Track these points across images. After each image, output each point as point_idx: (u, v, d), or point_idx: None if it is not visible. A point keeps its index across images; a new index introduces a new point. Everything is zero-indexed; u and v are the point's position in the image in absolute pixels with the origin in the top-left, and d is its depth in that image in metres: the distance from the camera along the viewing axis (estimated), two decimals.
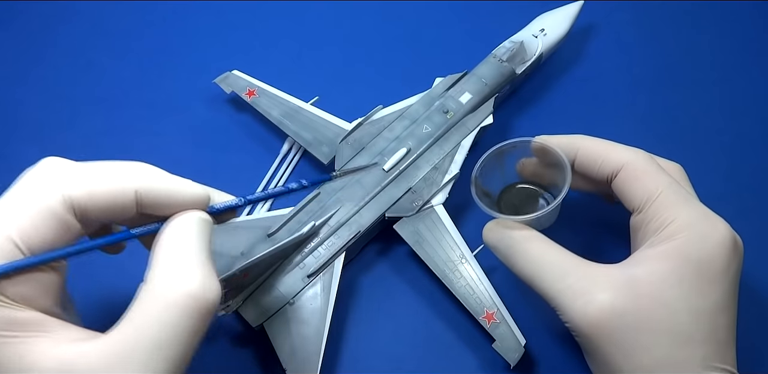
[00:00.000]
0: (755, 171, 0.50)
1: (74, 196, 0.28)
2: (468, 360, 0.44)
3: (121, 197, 0.30)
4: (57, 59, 0.56)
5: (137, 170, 0.31)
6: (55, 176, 0.29)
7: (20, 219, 0.27)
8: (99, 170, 0.30)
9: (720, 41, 0.56)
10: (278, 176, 0.50)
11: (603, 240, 0.47)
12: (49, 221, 0.28)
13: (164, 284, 0.28)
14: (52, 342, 0.27)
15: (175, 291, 0.28)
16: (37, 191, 0.28)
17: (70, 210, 0.28)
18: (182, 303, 0.28)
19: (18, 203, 0.28)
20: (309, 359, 0.41)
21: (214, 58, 0.55)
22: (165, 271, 0.29)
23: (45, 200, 0.28)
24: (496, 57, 0.48)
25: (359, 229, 0.44)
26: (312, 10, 0.58)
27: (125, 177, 0.30)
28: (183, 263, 0.29)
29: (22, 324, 0.27)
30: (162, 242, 0.30)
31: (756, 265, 0.44)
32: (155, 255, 0.30)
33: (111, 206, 0.30)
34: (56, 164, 0.31)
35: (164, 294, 0.28)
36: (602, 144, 0.40)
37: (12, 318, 0.26)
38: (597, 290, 0.35)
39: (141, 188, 0.30)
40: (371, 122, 0.48)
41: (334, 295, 0.42)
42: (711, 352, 0.34)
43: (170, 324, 0.28)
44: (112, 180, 0.30)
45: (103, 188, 0.29)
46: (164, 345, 0.27)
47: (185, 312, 0.28)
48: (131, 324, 0.28)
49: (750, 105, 0.53)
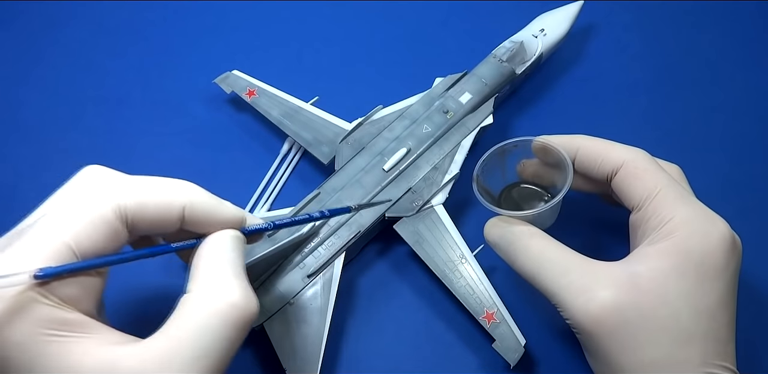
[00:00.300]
0: (755, 171, 0.50)
1: (127, 206, 0.30)
2: (468, 360, 0.44)
3: (169, 212, 0.31)
4: (58, 59, 0.56)
5: (185, 187, 0.32)
6: (109, 186, 0.30)
7: (75, 225, 0.29)
8: (150, 184, 0.31)
9: (720, 41, 0.56)
10: (278, 176, 0.50)
11: (603, 239, 0.47)
12: (101, 229, 0.29)
13: (207, 293, 0.30)
14: (96, 343, 0.28)
15: (219, 301, 0.29)
16: (92, 199, 0.30)
17: (121, 220, 0.30)
18: (225, 312, 0.29)
19: (74, 209, 0.29)
20: (309, 359, 0.41)
21: (214, 58, 0.55)
22: (208, 282, 0.30)
23: (99, 209, 0.29)
24: (496, 57, 0.48)
25: (359, 229, 0.44)
26: (312, 10, 0.58)
27: (174, 193, 0.32)
28: (224, 276, 0.31)
29: (68, 324, 0.28)
30: (203, 255, 0.32)
31: (755, 265, 0.44)
32: (197, 267, 0.31)
33: (159, 219, 0.31)
34: (106, 173, 0.33)
35: (207, 303, 0.29)
36: (602, 143, 0.40)
37: (60, 317, 0.27)
38: (599, 287, 0.35)
39: (187, 204, 0.31)
40: (371, 122, 0.48)
41: (334, 295, 0.42)
42: (711, 349, 0.34)
43: (212, 332, 0.29)
44: (162, 194, 0.31)
45: (153, 202, 0.31)
46: (205, 352, 0.28)
47: (227, 321, 0.29)
48: (174, 329, 0.29)
49: (750, 105, 0.53)
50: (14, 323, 0.27)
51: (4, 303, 0.26)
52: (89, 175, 0.33)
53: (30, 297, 0.27)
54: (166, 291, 0.45)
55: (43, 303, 0.27)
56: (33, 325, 0.27)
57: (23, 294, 0.27)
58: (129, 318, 0.43)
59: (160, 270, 0.45)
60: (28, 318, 0.27)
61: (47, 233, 0.28)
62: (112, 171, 0.33)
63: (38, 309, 0.27)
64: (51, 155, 0.52)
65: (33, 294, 0.27)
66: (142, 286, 0.45)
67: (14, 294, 0.27)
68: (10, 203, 0.50)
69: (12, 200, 0.50)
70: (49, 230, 0.29)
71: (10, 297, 0.27)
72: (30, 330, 0.27)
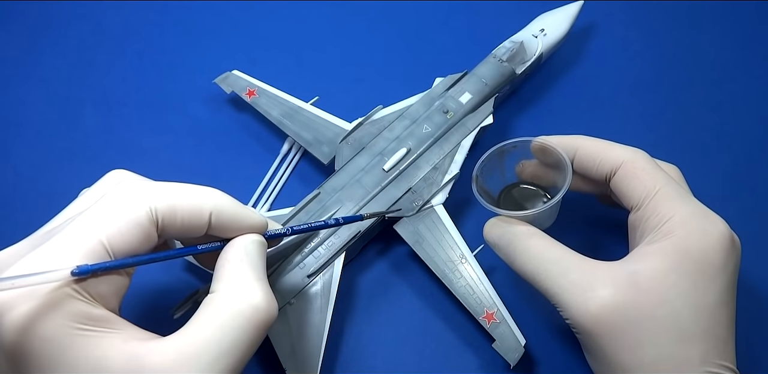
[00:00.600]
0: (754, 171, 0.50)
1: (159, 211, 0.31)
2: (468, 360, 0.44)
3: (198, 217, 0.32)
4: (58, 59, 0.56)
5: (212, 193, 0.33)
6: (143, 190, 0.31)
7: (110, 227, 0.30)
8: (180, 191, 0.32)
9: (720, 41, 0.56)
10: (278, 176, 0.50)
11: (602, 239, 0.47)
12: (134, 231, 0.30)
13: (232, 295, 0.31)
14: (122, 339, 0.29)
15: (242, 302, 0.31)
16: (127, 202, 0.31)
17: (153, 223, 0.31)
18: (247, 313, 0.30)
19: (109, 211, 0.30)
20: (309, 359, 0.41)
21: (214, 58, 0.55)
22: (232, 284, 0.31)
23: (134, 212, 0.30)
24: (496, 57, 0.49)
25: (359, 229, 0.44)
26: (312, 10, 0.58)
27: (203, 199, 0.32)
28: (248, 279, 0.32)
29: (97, 320, 0.28)
30: (228, 259, 0.33)
31: (755, 264, 0.44)
32: (222, 270, 0.32)
33: (188, 224, 0.32)
34: (132, 177, 0.34)
35: (232, 303, 0.30)
36: (601, 144, 0.40)
37: (90, 313, 0.28)
38: (598, 286, 0.35)
39: (214, 210, 0.32)
40: (371, 122, 0.48)
41: (334, 295, 0.42)
42: (711, 349, 0.34)
43: (235, 332, 0.30)
44: (192, 200, 0.32)
45: (184, 207, 0.32)
46: (227, 351, 0.29)
47: (249, 322, 0.30)
48: (198, 328, 0.30)
49: (749, 105, 0.53)
50: (48, 317, 0.27)
51: (41, 298, 0.27)
52: (115, 179, 0.34)
53: (64, 293, 0.28)
54: (162, 289, 0.46)
55: (76, 298, 0.28)
56: (65, 319, 0.28)
57: (59, 289, 0.28)
58: (126, 315, 0.43)
59: (159, 270, 0.45)
60: (61, 313, 0.28)
61: (83, 232, 0.29)
62: (137, 176, 0.34)
63: (71, 304, 0.28)
64: (51, 154, 0.52)
65: (67, 289, 0.28)
66: (139, 284, 0.45)
67: (51, 289, 0.28)
68: (10, 203, 0.50)
69: (12, 200, 0.50)
70: (85, 229, 0.29)
71: (47, 292, 0.28)
72: (62, 324, 0.28)
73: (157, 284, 0.46)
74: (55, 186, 0.50)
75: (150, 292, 0.45)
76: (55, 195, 0.49)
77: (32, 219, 0.48)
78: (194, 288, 0.41)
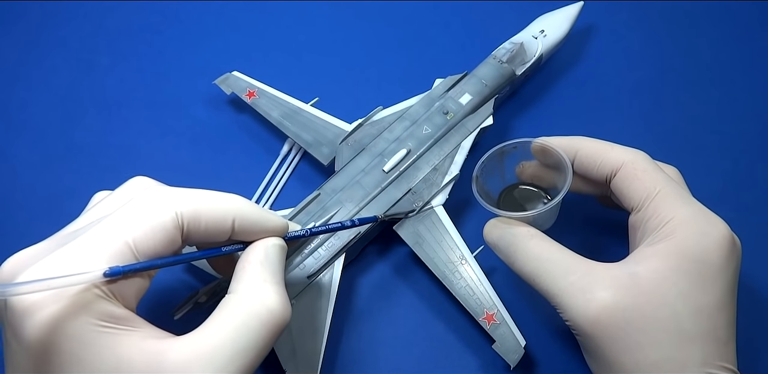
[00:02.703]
0: (754, 172, 0.50)
1: (185, 216, 0.31)
2: (468, 361, 0.44)
3: (223, 222, 0.33)
4: (58, 60, 0.56)
5: (234, 200, 0.34)
6: (169, 196, 0.32)
7: (137, 230, 0.30)
8: (204, 197, 0.33)
9: (720, 42, 0.56)
10: (278, 177, 0.50)
11: (602, 241, 0.47)
12: (159, 235, 0.31)
13: (250, 297, 0.32)
14: (142, 337, 0.29)
15: (259, 305, 0.31)
16: (154, 207, 0.31)
17: (178, 228, 0.31)
18: (264, 316, 0.31)
19: (136, 215, 0.31)
20: (309, 359, 0.41)
21: (215, 60, 0.55)
22: (251, 287, 0.32)
23: (160, 217, 0.31)
24: (496, 58, 0.49)
25: (359, 230, 0.44)
26: (312, 12, 0.58)
27: (226, 205, 0.33)
28: (266, 282, 0.32)
29: (119, 319, 0.29)
30: (250, 261, 0.33)
31: (755, 265, 0.44)
32: (242, 272, 0.33)
33: (212, 229, 0.33)
34: (154, 184, 0.34)
35: (249, 306, 0.31)
36: (601, 145, 0.40)
37: (113, 312, 0.29)
38: (598, 288, 0.35)
39: (237, 215, 0.33)
40: (371, 123, 0.48)
41: (335, 296, 0.42)
42: (711, 350, 0.34)
43: (251, 332, 0.30)
44: (216, 206, 0.33)
45: (209, 213, 0.32)
46: (243, 351, 0.30)
47: (264, 324, 0.31)
48: (215, 327, 0.30)
49: (750, 106, 0.53)
50: (75, 317, 0.28)
51: (69, 298, 0.28)
52: (139, 185, 0.34)
53: (92, 293, 0.29)
54: (163, 289, 0.46)
55: (101, 297, 0.29)
56: (90, 317, 0.28)
57: (88, 290, 0.29)
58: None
59: (160, 271, 0.45)
60: (87, 312, 0.28)
61: (111, 234, 0.30)
62: (159, 183, 0.35)
63: (96, 303, 0.29)
64: (51, 155, 0.52)
65: (95, 290, 0.29)
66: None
67: (79, 290, 0.28)
68: (10, 204, 0.50)
69: (12, 200, 0.50)
70: (113, 232, 0.30)
71: (75, 293, 0.28)
72: (87, 322, 0.28)
73: (158, 285, 0.45)
74: (55, 187, 0.50)
75: (150, 293, 0.45)
76: (55, 196, 0.50)
77: (32, 220, 0.48)
78: (194, 289, 0.41)
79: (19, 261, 0.29)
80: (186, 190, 0.33)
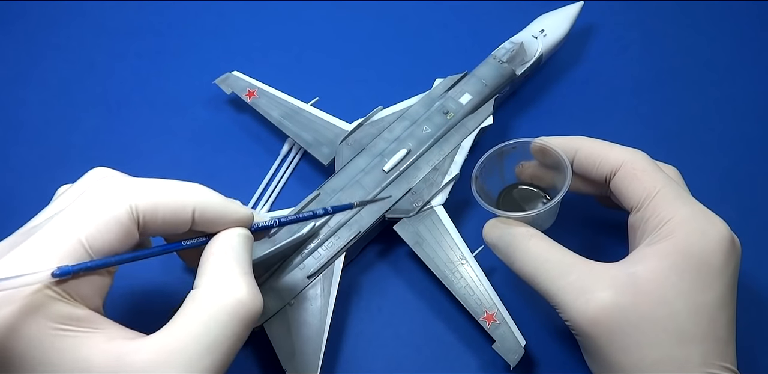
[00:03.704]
0: (754, 172, 0.50)
1: (140, 208, 0.30)
2: (468, 361, 0.44)
3: (182, 213, 0.31)
4: (58, 60, 0.56)
5: (194, 189, 0.33)
6: (122, 188, 0.31)
7: (89, 226, 0.29)
8: (161, 187, 0.32)
9: (720, 42, 0.56)
10: (278, 176, 0.50)
11: (601, 240, 0.47)
12: (114, 229, 0.30)
13: (215, 290, 0.30)
14: (105, 338, 0.28)
15: (226, 297, 0.30)
16: (106, 200, 0.30)
17: (134, 221, 0.30)
18: (231, 308, 0.30)
19: (88, 210, 0.30)
20: (309, 359, 0.41)
21: (215, 59, 0.55)
22: (216, 279, 0.31)
23: (113, 210, 0.30)
24: (496, 58, 0.49)
25: (359, 230, 0.44)
26: (312, 11, 0.58)
27: (185, 195, 0.32)
28: (232, 273, 0.31)
29: (79, 320, 0.28)
30: (213, 253, 0.32)
31: (755, 265, 0.44)
32: (205, 265, 0.32)
33: (171, 221, 0.31)
34: (113, 175, 0.33)
35: (215, 299, 0.30)
36: (601, 145, 0.40)
37: (71, 314, 0.28)
38: (598, 288, 0.35)
39: (197, 206, 0.32)
40: (371, 123, 0.48)
41: (334, 296, 0.42)
42: (711, 350, 0.34)
43: (219, 327, 0.29)
44: (174, 197, 0.31)
45: (165, 204, 0.31)
46: (212, 347, 0.29)
47: (234, 317, 0.30)
48: (182, 324, 0.29)
49: (749, 106, 0.53)
50: (30, 319, 0.27)
51: (21, 300, 0.27)
52: (96, 176, 0.33)
53: (44, 294, 0.28)
54: (162, 289, 0.46)
55: (56, 299, 0.28)
56: (46, 320, 0.27)
57: (40, 291, 0.28)
58: (126, 316, 0.43)
59: (159, 271, 0.45)
60: (42, 315, 0.27)
61: (62, 232, 0.29)
62: (119, 173, 0.33)
63: (51, 305, 0.28)
64: (51, 155, 0.52)
65: (48, 291, 0.28)
66: (139, 285, 0.45)
67: (32, 291, 0.27)
68: (10, 204, 0.50)
69: (12, 200, 0.50)
70: (64, 229, 0.29)
71: (27, 294, 0.27)
72: (44, 325, 0.27)
73: (157, 285, 0.46)
74: (55, 187, 0.49)
75: (150, 293, 0.45)
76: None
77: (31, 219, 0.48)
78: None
79: None
80: (142, 180, 0.32)
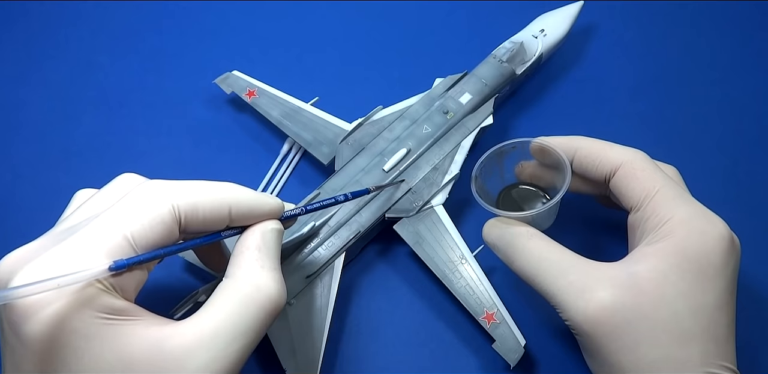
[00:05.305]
0: (754, 172, 0.50)
1: (181, 209, 0.32)
2: (468, 361, 0.44)
3: (219, 212, 0.33)
4: (58, 60, 0.56)
5: (229, 188, 0.34)
6: (165, 189, 0.32)
7: (135, 223, 0.31)
8: (200, 188, 0.33)
9: (719, 42, 0.56)
10: (278, 176, 0.50)
11: (601, 240, 0.47)
12: (158, 228, 0.31)
13: (247, 282, 0.32)
14: (144, 326, 0.30)
15: (256, 290, 0.32)
16: (151, 201, 0.32)
17: (176, 221, 0.32)
18: (260, 299, 0.32)
19: (134, 209, 0.31)
20: (309, 359, 0.41)
21: (214, 59, 0.55)
22: (248, 271, 0.33)
23: (157, 210, 0.31)
24: (496, 57, 0.49)
25: (359, 229, 0.44)
26: (312, 11, 0.58)
27: (221, 194, 0.33)
28: (264, 267, 0.33)
29: (120, 310, 0.30)
30: (248, 247, 0.34)
31: (755, 265, 0.44)
32: (240, 256, 0.33)
33: (210, 219, 0.33)
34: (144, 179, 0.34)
35: (247, 290, 0.32)
36: (600, 144, 0.40)
37: (113, 304, 0.30)
38: (597, 287, 0.35)
39: (234, 204, 0.33)
40: (371, 123, 0.48)
41: (334, 295, 0.42)
42: (711, 349, 0.34)
43: (248, 315, 0.31)
44: (211, 196, 0.33)
45: (205, 203, 0.33)
46: (242, 333, 0.31)
47: (262, 307, 0.32)
48: (215, 310, 0.31)
49: (749, 106, 0.53)
50: (78, 311, 0.28)
51: (72, 294, 0.28)
52: (127, 181, 0.34)
53: (94, 287, 0.29)
54: (162, 289, 0.46)
55: (103, 291, 0.29)
56: (93, 311, 0.29)
57: (91, 285, 0.29)
58: None
59: (159, 270, 0.45)
60: (89, 306, 0.29)
61: (109, 228, 0.30)
62: (147, 179, 0.35)
63: (98, 297, 0.29)
64: (51, 155, 0.52)
65: (97, 284, 0.29)
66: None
67: (83, 285, 0.29)
68: (10, 204, 0.50)
69: (12, 200, 0.50)
70: (111, 226, 0.30)
71: (80, 287, 0.29)
72: (89, 316, 0.29)
73: (157, 284, 0.46)
74: (55, 187, 0.50)
75: (149, 292, 0.45)
76: (55, 196, 0.49)
77: (32, 220, 0.48)
78: (194, 288, 0.41)
79: (16, 259, 0.30)
80: (181, 182, 0.33)
